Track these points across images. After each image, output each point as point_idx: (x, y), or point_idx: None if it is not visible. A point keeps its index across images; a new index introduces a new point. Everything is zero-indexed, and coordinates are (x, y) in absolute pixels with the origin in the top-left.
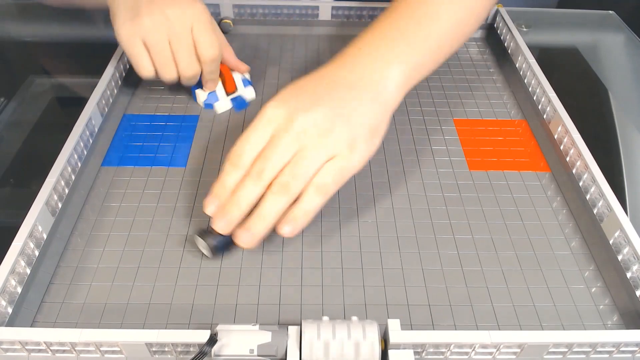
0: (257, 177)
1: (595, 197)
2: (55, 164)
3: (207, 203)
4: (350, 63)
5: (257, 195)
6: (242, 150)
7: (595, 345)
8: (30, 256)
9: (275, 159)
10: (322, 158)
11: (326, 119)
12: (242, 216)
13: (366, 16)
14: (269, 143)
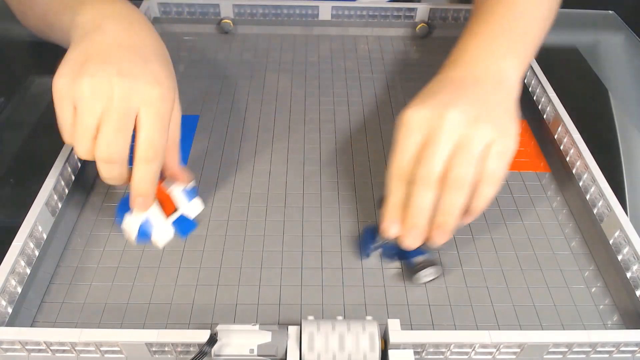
0: (427, 182)
1: (595, 197)
2: (55, 164)
3: (387, 227)
4: (470, 62)
5: (434, 198)
6: (403, 162)
7: (595, 345)
8: (30, 256)
9: (439, 158)
10: (480, 146)
11: (471, 109)
12: (429, 223)
13: (366, 16)
14: (428, 145)
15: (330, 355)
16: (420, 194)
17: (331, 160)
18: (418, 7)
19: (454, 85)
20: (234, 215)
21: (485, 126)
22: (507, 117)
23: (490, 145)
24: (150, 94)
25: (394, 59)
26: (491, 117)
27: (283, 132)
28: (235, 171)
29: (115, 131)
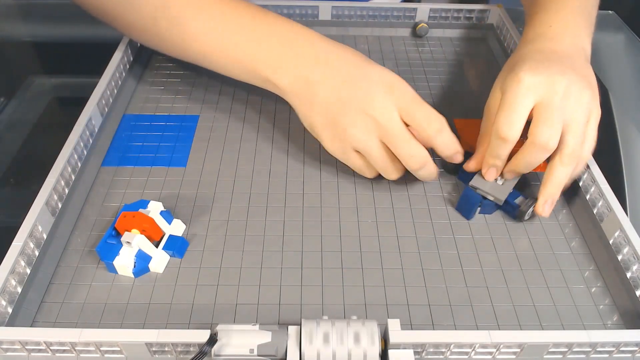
0: (544, 148)
1: (595, 197)
2: (55, 164)
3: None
4: (559, 40)
5: (540, 161)
6: (511, 122)
7: (595, 345)
8: (30, 256)
9: (557, 126)
10: (585, 120)
11: (577, 81)
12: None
13: (366, 16)
14: (545, 110)
15: (330, 355)
16: (532, 155)
17: (331, 160)
18: (418, 7)
19: (555, 56)
20: (234, 215)
21: (587, 97)
22: (596, 89)
23: (590, 116)
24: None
25: (394, 59)
26: (590, 89)
27: (283, 131)
28: (235, 171)
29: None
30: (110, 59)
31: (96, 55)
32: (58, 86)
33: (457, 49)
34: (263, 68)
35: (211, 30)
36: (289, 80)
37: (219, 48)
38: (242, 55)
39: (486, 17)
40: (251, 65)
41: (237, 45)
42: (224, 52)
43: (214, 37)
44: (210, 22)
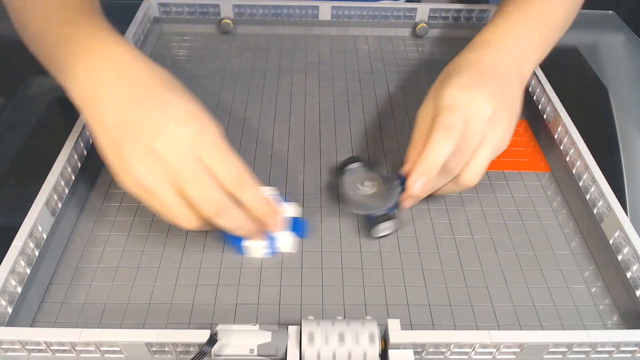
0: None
1: (595, 197)
2: (55, 164)
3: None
4: (501, 54)
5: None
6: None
7: (595, 345)
8: (30, 256)
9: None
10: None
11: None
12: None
13: (366, 16)
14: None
15: (330, 355)
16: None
17: (331, 160)
18: (418, 7)
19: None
20: None
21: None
22: (516, 118)
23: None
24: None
25: (394, 59)
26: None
27: (283, 131)
28: None
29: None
30: None
31: None
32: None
33: (457, 49)
34: (62, 73)
35: (35, 17)
36: (79, 90)
37: (37, 42)
38: (53, 57)
39: (486, 17)
40: (56, 69)
41: (48, 38)
42: (39, 49)
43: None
44: (40, 9)
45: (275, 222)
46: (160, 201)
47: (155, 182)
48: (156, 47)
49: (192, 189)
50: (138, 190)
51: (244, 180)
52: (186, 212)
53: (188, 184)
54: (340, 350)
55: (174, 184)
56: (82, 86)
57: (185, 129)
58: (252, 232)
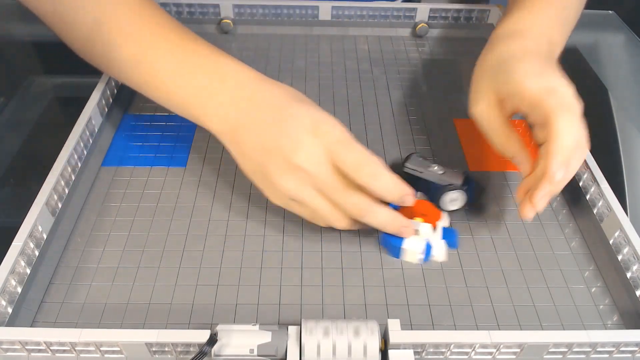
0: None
1: (595, 197)
2: (55, 164)
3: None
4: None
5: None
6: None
7: (595, 345)
8: (30, 256)
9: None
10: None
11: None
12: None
13: (366, 16)
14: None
15: (330, 355)
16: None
17: None
18: (418, 7)
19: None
20: (234, 215)
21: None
22: None
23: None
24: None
25: (394, 59)
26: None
27: None
28: (235, 171)
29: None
30: None
31: None
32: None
33: (457, 49)
34: (193, 107)
35: (140, 62)
36: (217, 122)
37: (149, 80)
38: (172, 90)
39: (486, 17)
40: (181, 102)
41: (165, 80)
42: (154, 85)
43: (143, 69)
44: (139, 52)
45: (411, 201)
46: (310, 209)
47: (302, 193)
48: None
49: (335, 194)
50: (287, 203)
51: (372, 170)
52: (336, 214)
53: (330, 190)
54: (340, 350)
55: (319, 191)
56: (220, 118)
57: (317, 138)
58: (399, 228)
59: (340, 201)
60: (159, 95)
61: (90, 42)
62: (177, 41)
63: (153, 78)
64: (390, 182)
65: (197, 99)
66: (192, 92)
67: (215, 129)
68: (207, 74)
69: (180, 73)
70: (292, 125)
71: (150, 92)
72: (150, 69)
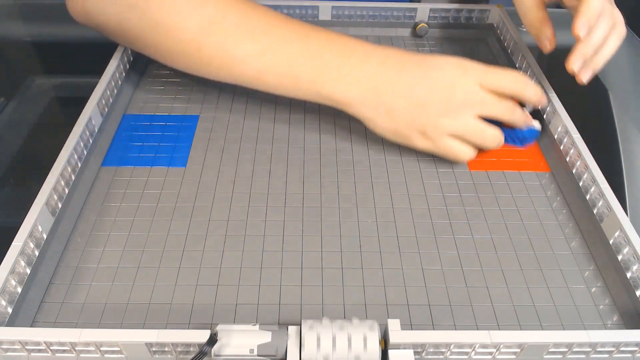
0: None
1: (595, 197)
2: (55, 164)
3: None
4: None
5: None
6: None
7: (595, 345)
8: (30, 256)
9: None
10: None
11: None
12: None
13: (366, 16)
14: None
15: (330, 355)
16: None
17: (331, 160)
18: (418, 7)
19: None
20: (234, 215)
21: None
22: None
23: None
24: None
25: None
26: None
27: (283, 131)
28: (235, 171)
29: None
30: (110, 58)
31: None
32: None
33: (457, 49)
34: (324, 85)
35: (261, 53)
36: (355, 93)
37: (272, 70)
38: (298, 74)
39: (486, 17)
40: (310, 84)
41: (291, 65)
42: (278, 74)
43: (265, 59)
44: (258, 45)
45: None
46: (470, 133)
47: (464, 120)
48: None
49: (491, 107)
50: (445, 140)
51: (524, 79)
52: (490, 132)
53: (488, 105)
54: (340, 350)
55: (475, 115)
56: (354, 89)
57: (467, 75)
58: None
59: (495, 109)
60: (279, 82)
61: (195, 48)
62: (289, 29)
63: (274, 68)
64: (535, 87)
65: (327, 78)
66: (320, 72)
67: (353, 100)
68: (332, 52)
69: (304, 57)
70: (439, 74)
71: (269, 82)
72: (274, 59)
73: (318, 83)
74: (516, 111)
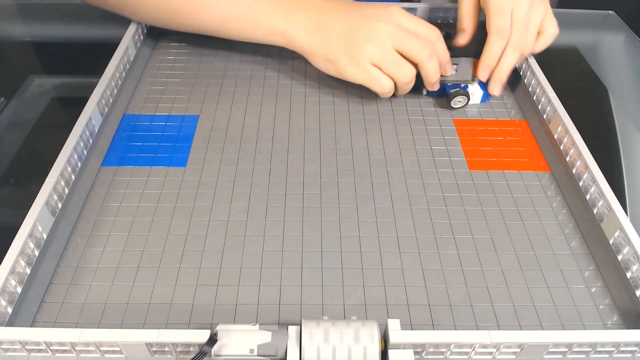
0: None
1: (595, 197)
2: (55, 164)
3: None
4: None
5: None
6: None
7: (595, 345)
8: (30, 256)
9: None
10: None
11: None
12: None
13: None
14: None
15: (330, 355)
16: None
17: (331, 160)
18: (418, 7)
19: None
20: (234, 215)
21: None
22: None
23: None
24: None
25: None
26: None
27: (283, 132)
28: (235, 171)
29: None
30: (111, 59)
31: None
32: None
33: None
34: (278, 21)
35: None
36: (303, 26)
37: (234, 13)
38: (257, 14)
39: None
40: (268, 22)
41: (251, 6)
42: (240, 15)
43: (230, 3)
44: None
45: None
46: (387, 61)
47: (383, 47)
48: (157, 47)
49: (409, 42)
50: (367, 66)
51: (437, 35)
52: (408, 65)
53: (406, 40)
54: (340, 350)
55: (395, 46)
56: (305, 21)
57: (392, 9)
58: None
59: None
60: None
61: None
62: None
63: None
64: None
65: (282, 15)
66: (277, 11)
67: (300, 33)
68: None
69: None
70: (372, 8)
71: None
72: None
73: (274, 19)
74: (433, 59)
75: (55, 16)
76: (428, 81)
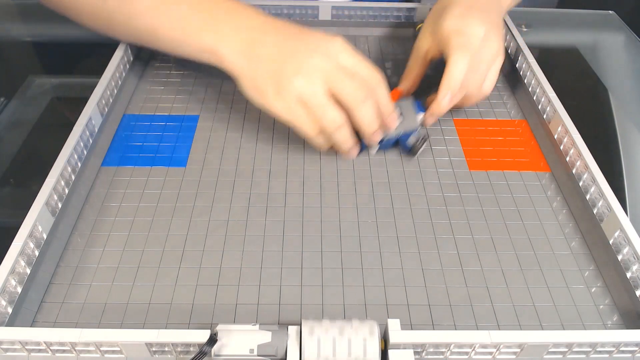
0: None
1: (595, 197)
2: (55, 164)
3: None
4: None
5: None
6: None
7: (595, 345)
8: (30, 256)
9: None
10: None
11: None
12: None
13: (366, 16)
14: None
15: (330, 355)
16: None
17: (331, 160)
18: (418, 7)
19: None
20: (234, 215)
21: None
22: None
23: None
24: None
25: (394, 59)
26: (500, 37)
27: (283, 131)
28: (235, 171)
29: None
30: (111, 59)
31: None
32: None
33: None
34: (206, 37)
35: (155, 7)
36: (233, 44)
37: (166, 23)
38: (186, 27)
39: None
40: (196, 37)
41: (180, 19)
42: (170, 27)
43: (161, 12)
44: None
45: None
46: (315, 103)
47: (311, 90)
48: None
49: (342, 81)
50: (292, 108)
51: (378, 80)
52: (336, 111)
53: (339, 79)
54: (340, 350)
55: (327, 86)
56: (235, 39)
57: (333, 43)
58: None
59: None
60: (171, 37)
61: (101, 2)
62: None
63: (168, 21)
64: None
65: (212, 31)
66: (207, 26)
67: (230, 52)
68: (222, 9)
69: (196, 11)
70: (310, 37)
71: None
72: (167, 12)
73: (202, 34)
74: (366, 104)
75: (55, 16)
76: (362, 132)
